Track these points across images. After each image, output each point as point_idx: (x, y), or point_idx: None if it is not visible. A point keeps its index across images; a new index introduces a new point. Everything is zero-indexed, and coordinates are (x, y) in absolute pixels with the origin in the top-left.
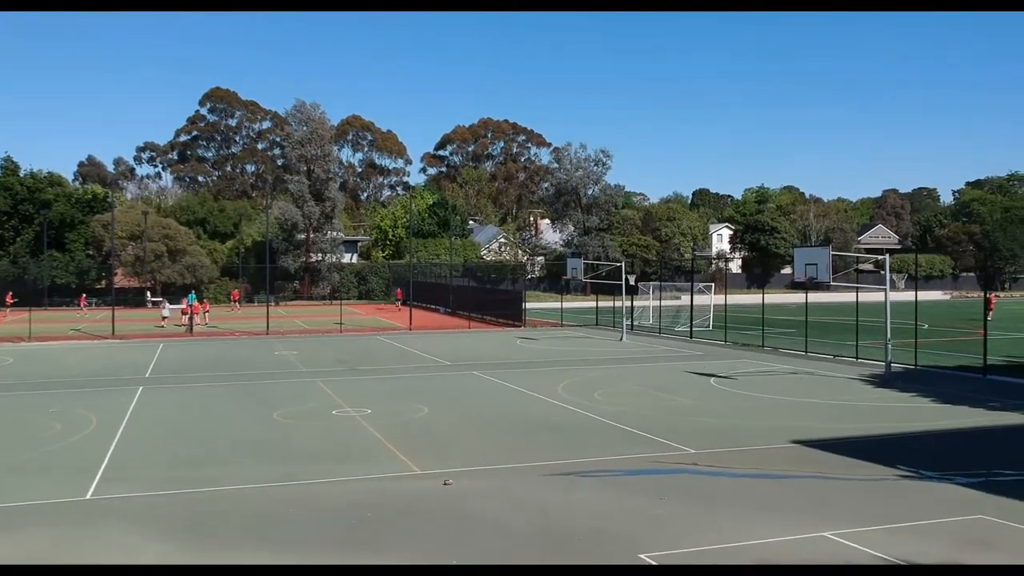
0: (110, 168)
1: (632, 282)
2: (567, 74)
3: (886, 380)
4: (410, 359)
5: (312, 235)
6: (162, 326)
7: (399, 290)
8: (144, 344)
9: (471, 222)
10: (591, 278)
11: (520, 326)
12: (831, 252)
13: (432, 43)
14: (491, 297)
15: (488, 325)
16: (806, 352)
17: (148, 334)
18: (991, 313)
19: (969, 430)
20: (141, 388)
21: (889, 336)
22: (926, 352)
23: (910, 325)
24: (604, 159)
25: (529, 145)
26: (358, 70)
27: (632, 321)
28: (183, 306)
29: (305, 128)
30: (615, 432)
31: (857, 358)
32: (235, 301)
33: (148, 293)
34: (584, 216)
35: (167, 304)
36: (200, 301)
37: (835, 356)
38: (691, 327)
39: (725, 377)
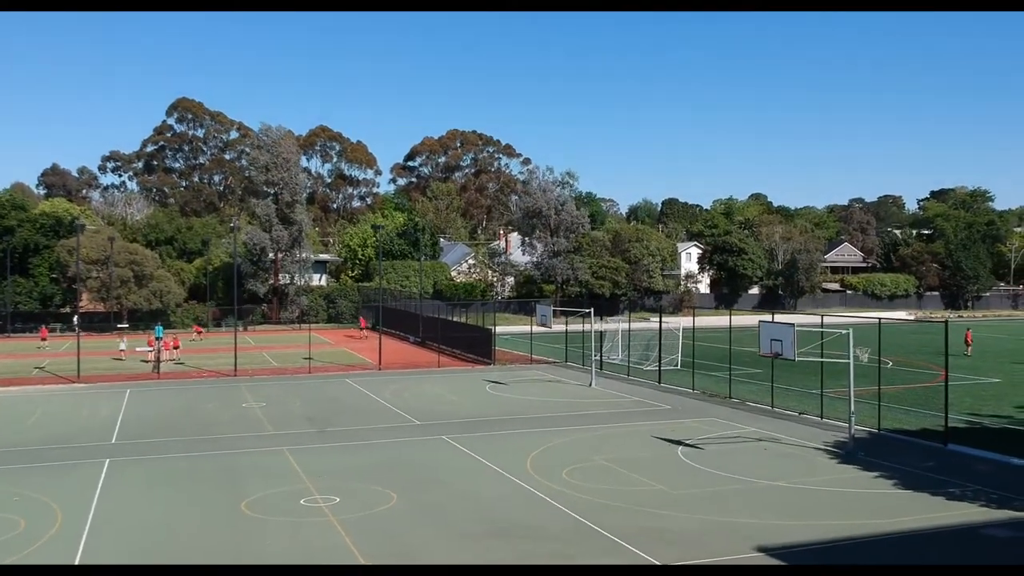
0: (75, 175)
1: (600, 329)
2: (536, 82)
3: (849, 453)
4: (379, 416)
5: (280, 256)
6: (121, 359)
7: (363, 319)
8: (110, 389)
9: (441, 239)
10: (561, 314)
11: (489, 364)
12: (795, 328)
13: (401, 54)
14: (462, 334)
15: (457, 361)
16: (772, 407)
17: (114, 374)
18: (969, 348)
19: (929, 533)
20: (107, 462)
21: (852, 409)
22: (889, 408)
23: (873, 365)
24: (570, 181)
25: (499, 155)
26: (326, 80)
27: (601, 357)
28: (150, 346)
29: (270, 154)
30: (582, 536)
31: (822, 416)
32: (198, 333)
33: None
34: (553, 239)
35: (125, 338)
36: (169, 327)
37: (800, 413)
38: (660, 368)
39: (692, 447)
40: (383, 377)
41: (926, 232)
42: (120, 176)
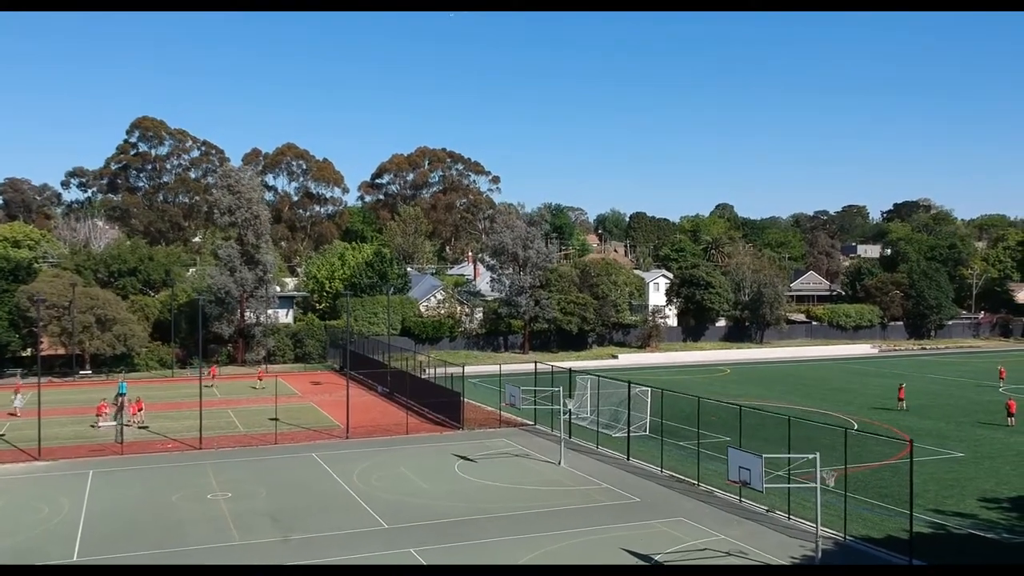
0: (35, 185)
1: (569, 407)
2: (505, 95)
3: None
4: (345, 515)
5: (246, 296)
6: (16, 416)
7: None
8: (72, 471)
9: (408, 268)
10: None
11: (459, 427)
12: (763, 458)
13: (369, 72)
14: (432, 398)
15: (427, 424)
16: (740, 499)
17: (77, 447)
18: (902, 403)
19: None
20: None
21: (819, 532)
22: (855, 503)
23: (839, 418)
24: (540, 220)
25: (467, 173)
26: (293, 98)
27: (570, 416)
28: (99, 414)
29: (232, 195)
30: None
31: (789, 515)
32: (212, 376)
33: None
34: (519, 275)
35: (21, 392)
36: (134, 370)
37: (768, 511)
38: (628, 435)
39: (664, 563)
40: (350, 450)
41: (888, 254)
42: (85, 192)
